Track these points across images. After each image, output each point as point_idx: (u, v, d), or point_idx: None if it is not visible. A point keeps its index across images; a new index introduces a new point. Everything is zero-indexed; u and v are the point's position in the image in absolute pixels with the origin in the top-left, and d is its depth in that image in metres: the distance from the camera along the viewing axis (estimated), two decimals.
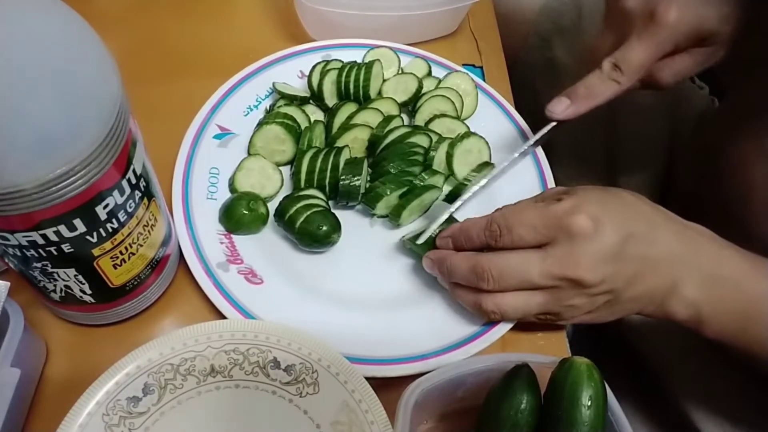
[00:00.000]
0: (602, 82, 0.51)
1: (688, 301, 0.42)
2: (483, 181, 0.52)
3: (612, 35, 0.52)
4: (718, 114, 0.64)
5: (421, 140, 0.54)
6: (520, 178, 0.56)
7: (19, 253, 0.35)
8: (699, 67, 0.52)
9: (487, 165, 0.55)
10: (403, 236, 0.51)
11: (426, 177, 0.53)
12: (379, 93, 0.59)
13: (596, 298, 0.42)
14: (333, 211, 0.51)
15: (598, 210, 0.41)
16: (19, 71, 0.28)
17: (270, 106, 0.57)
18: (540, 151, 0.58)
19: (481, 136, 0.57)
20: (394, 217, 0.51)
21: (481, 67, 0.68)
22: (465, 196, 0.51)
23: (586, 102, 0.52)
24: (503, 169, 0.53)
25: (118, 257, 0.39)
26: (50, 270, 0.37)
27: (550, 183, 0.57)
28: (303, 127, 0.55)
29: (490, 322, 0.46)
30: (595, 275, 0.40)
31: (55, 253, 0.35)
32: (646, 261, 0.42)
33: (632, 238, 0.41)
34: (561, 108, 0.52)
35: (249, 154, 0.54)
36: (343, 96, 0.58)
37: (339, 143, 0.54)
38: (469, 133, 0.56)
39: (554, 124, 0.53)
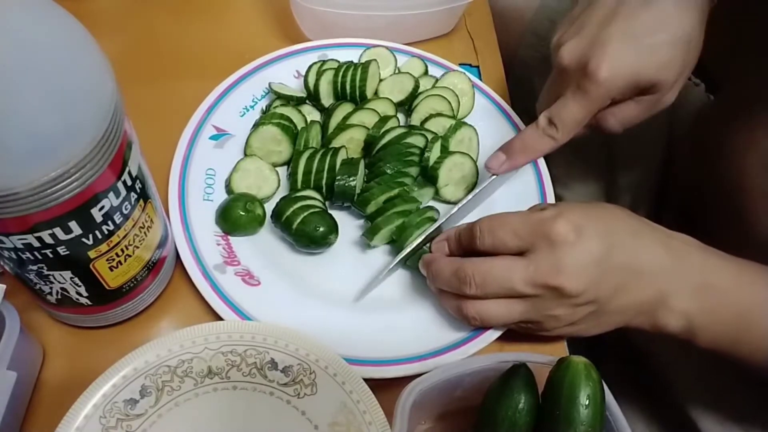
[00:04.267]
0: (538, 137, 0.50)
1: (680, 312, 0.42)
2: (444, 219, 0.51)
3: (554, 87, 0.51)
4: (714, 108, 0.64)
5: (417, 141, 0.54)
6: (518, 176, 0.56)
7: (14, 256, 0.35)
8: (648, 112, 0.50)
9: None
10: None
11: (416, 189, 0.52)
12: (376, 93, 0.59)
13: (578, 309, 0.41)
14: (330, 211, 0.51)
15: (580, 218, 0.41)
16: (12, 73, 0.28)
17: (266, 107, 0.57)
18: None
19: (470, 125, 0.57)
20: (369, 236, 0.50)
21: (478, 67, 0.67)
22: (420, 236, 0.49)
23: (522, 157, 0.51)
24: (464, 206, 0.52)
25: (114, 259, 0.38)
26: (46, 272, 0.37)
27: (548, 182, 0.57)
28: (299, 128, 0.55)
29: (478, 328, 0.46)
30: (577, 284, 0.40)
31: (50, 255, 0.35)
32: (630, 271, 0.41)
33: (616, 247, 0.41)
34: (497, 164, 0.51)
35: (245, 154, 0.54)
36: (340, 96, 0.58)
37: (334, 144, 0.54)
38: (460, 123, 0.56)
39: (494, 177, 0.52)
